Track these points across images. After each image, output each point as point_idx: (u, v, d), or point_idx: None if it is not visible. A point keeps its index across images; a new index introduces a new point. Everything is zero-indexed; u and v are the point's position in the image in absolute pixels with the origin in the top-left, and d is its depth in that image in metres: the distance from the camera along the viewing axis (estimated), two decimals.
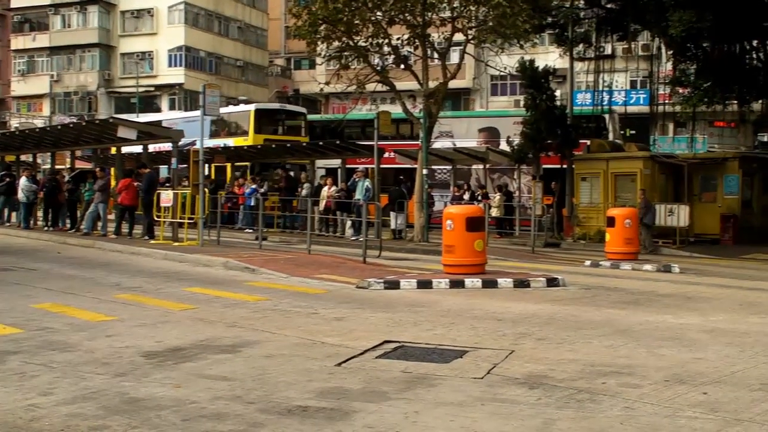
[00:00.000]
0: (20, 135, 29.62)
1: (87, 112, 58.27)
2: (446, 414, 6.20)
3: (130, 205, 21.77)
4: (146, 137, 22.62)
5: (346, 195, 24.03)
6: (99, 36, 58.74)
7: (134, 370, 7.70)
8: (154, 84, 57.78)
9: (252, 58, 65.35)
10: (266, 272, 15.14)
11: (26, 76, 61.84)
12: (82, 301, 11.96)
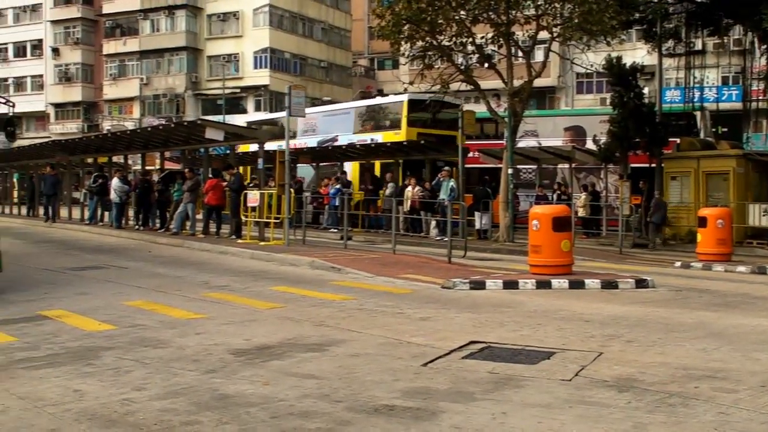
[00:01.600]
0: (112, 137, 30.47)
1: (175, 113, 59.57)
2: (533, 416, 6.13)
3: (217, 205, 22.15)
4: (233, 138, 22.98)
5: (430, 195, 24.00)
6: (186, 39, 59.97)
7: (224, 367, 7.83)
8: (239, 86, 58.70)
9: (336, 59, 65.85)
10: (352, 272, 15.23)
11: (117, 79, 63.52)
12: (172, 299, 12.23)
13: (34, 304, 11.79)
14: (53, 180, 30.53)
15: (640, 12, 28.18)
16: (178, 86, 60.63)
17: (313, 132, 32.86)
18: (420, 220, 24.55)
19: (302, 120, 32.45)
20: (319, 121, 32.79)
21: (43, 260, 17.94)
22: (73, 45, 66.46)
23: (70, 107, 67.27)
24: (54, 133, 62.68)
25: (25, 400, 6.72)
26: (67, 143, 32.93)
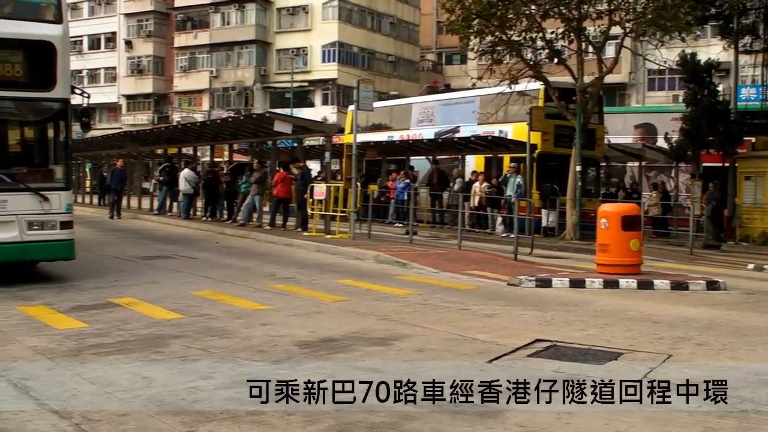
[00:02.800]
0: (182, 129, 30.93)
1: (243, 106, 60.21)
2: (600, 417, 6.05)
3: (284, 198, 22.33)
4: (301, 131, 23.13)
5: (497, 191, 23.84)
6: (256, 33, 60.53)
7: (289, 359, 7.89)
8: (308, 79, 59.08)
9: (404, 53, 65.82)
10: (417, 267, 15.21)
11: (187, 72, 64.42)
12: (238, 289, 12.36)
13: (105, 291, 12.05)
14: (122, 175, 30.23)
15: (716, 7, 27.57)
16: (247, 79, 61.25)
17: (430, 122, 31.13)
18: (486, 216, 24.40)
19: (418, 108, 31.90)
20: (438, 110, 31.06)
21: (114, 249, 18.30)
22: (145, 38, 67.62)
23: (141, 99, 68.48)
24: (125, 124, 63.90)
25: (96, 385, 6.86)
26: (138, 134, 33.56)
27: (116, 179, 29.48)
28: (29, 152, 13.91)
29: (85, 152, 40.09)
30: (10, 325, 9.53)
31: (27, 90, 12.72)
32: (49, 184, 12.74)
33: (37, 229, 12.45)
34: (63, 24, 12.86)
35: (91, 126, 13.79)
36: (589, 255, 17.18)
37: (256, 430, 5.75)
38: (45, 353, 8.06)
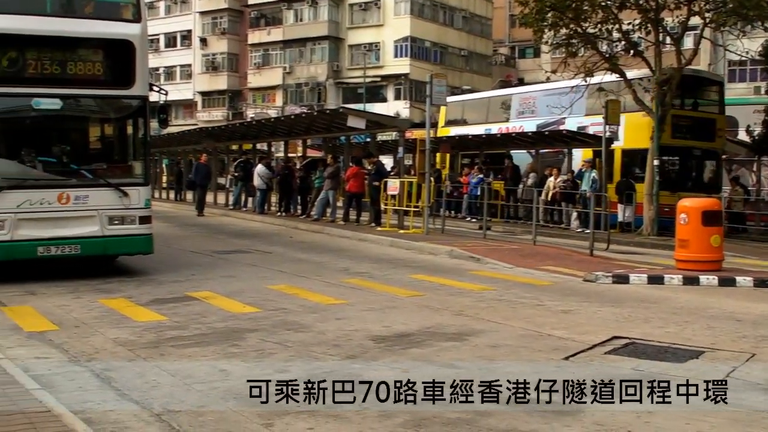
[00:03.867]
0: (256, 124, 31.23)
1: (316, 102, 60.56)
2: (681, 416, 5.92)
3: (357, 193, 22.40)
4: (374, 126, 23.17)
5: (572, 185, 23.53)
6: (328, 29, 60.83)
7: (363, 353, 7.91)
8: (380, 74, 59.13)
9: (476, 47, 65.43)
10: (491, 262, 15.11)
11: (261, 68, 65.06)
12: (313, 284, 12.45)
13: (183, 285, 12.25)
14: (206, 170, 29.64)
15: None
16: (319, 75, 61.62)
17: (532, 114, 29.83)
18: (561, 211, 24.11)
19: (518, 100, 31.35)
20: (540, 101, 29.58)
21: (190, 243, 18.60)
22: (219, 35, 68.52)
23: (216, 95, 69.44)
24: (201, 120, 64.85)
25: (176, 377, 6.98)
26: (213, 130, 34.08)
27: (201, 174, 29.05)
28: (109, 149, 14.23)
29: (162, 148, 40.84)
30: (92, 317, 9.76)
31: (107, 88, 13.01)
32: (129, 180, 13.01)
33: (117, 223, 12.72)
34: (141, 23, 13.10)
35: (168, 122, 14.03)
36: (666, 251, 16.85)
37: (332, 423, 5.78)
38: (126, 345, 8.24)
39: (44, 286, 11.89)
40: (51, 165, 12.75)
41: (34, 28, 12.41)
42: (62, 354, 7.90)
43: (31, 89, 12.33)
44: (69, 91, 12.66)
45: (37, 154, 12.66)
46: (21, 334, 8.86)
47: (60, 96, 12.53)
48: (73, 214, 12.41)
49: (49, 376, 6.96)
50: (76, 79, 12.60)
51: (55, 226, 12.32)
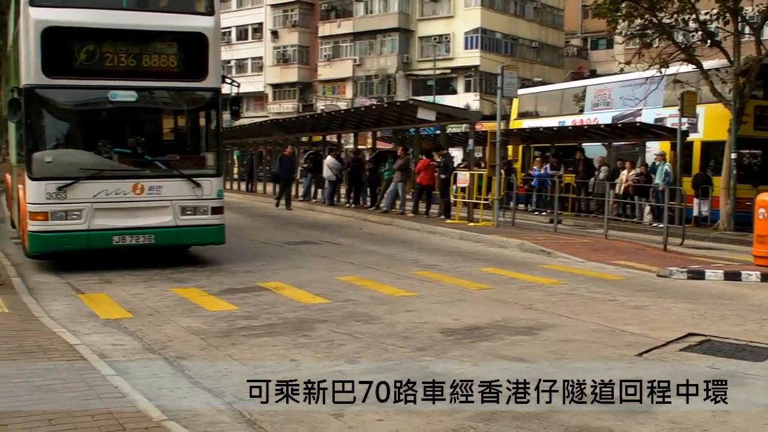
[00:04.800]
0: (327, 117, 31.38)
1: (386, 94, 60.59)
2: (759, 417, 5.77)
3: (427, 185, 22.35)
4: (444, 119, 23.09)
5: (645, 179, 23.09)
6: (399, 21, 60.76)
7: (433, 346, 7.88)
8: (450, 66, 58.88)
9: (547, 38, 64.71)
10: (562, 256, 14.92)
11: (331, 61, 65.36)
12: (382, 275, 12.45)
13: (253, 275, 12.38)
14: (291, 163, 28.09)
15: None
16: (389, 67, 61.62)
17: (607, 105, 29.28)
18: (634, 205, 23.68)
19: (593, 91, 30.87)
20: (615, 92, 28.92)
21: (261, 234, 18.79)
22: (290, 28, 68.99)
23: (286, 87, 69.98)
24: (271, 112, 65.41)
25: (246, 366, 7.05)
26: (284, 122, 34.30)
27: (285, 167, 27.49)
28: (182, 140, 14.43)
29: (233, 140, 41.31)
30: (165, 306, 9.93)
31: (181, 80, 13.21)
32: (201, 171, 13.19)
33: (190, 214, 12.91)
34: (214, 16, 13.25)
35: (240, 114, 14.18)
36: (744, 246, 16.44)
37: (402, 414, 5.77)
38: (198, 334, 8.35)
39: (119, 275, 12.14)
40: (126, 156, 12.98)
41: (111, 22, 12.66)
42: (137, 341, 8.05)
43: (108, 82, 12.58)
44: (144, 83, 12.88)
45: (113, 146, 12.91)
46: (97, 321, 9.07)
47: (135, 88, 12.76)
48: (147, 204, 12.65)
49: (124, 362, 7.10)
50: (151, 72, 12.81)
51: (130, 216, 12.57)
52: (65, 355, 6.91)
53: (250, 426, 5.61)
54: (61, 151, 12.83)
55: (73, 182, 12.18)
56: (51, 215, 12.16)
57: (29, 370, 6.37)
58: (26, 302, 9.69)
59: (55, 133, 13.21)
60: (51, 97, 12.48)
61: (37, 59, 12.05)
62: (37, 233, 12.27)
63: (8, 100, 13.19)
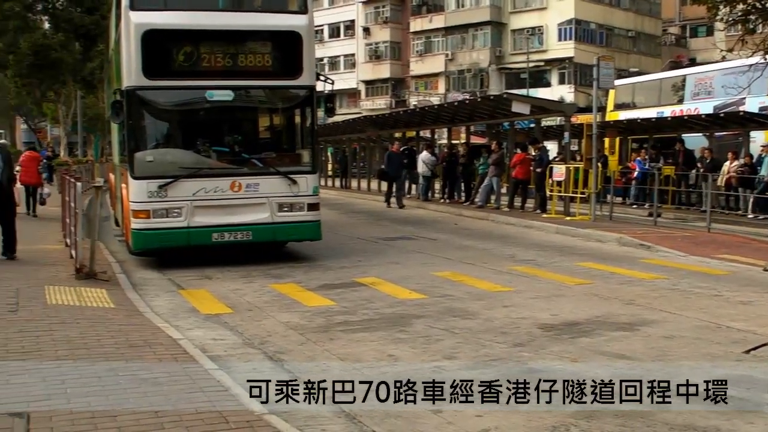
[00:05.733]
0: (420, 112, 31.37)
1: (479, 88, 60.21)
2: None
3: (523, 179, 22.11)
4: (539, 112, 22.80)
5: (750, 170, 22.33)
6: (491, 14, 60.28)
7: (531, 341, 7.79)
8: (543, 59, 58.16)
9: (644, 27, 63.26)
10: (662, 250, 14.53)
11: (423, 56, 65.28)
12: (479, 270, 12.37)
13: (350, 270, 12.46)
14: (399, 160, 26.55)
15: None
16: (482, 61, 61.23)
17: (708, 95, 28.53)
18: (737, 197, 22.93)
19: (693, 80, 30.05)
20: (716, 81, 28.03)
21: (356, 230, 18.90)
22: (382, 24, 69.21)
23: (379, 84, 70.25)
24: (364, 109, 65.79)
25: (345, 361, 7.10)
26: (377, 118, 34.50)
27: (393, 164, 26.13)
28: (278, 138, 14.64)
29: (327, 137, 41.70)
30: (264, 301, 10.08)
31: (276, 78, 13.39)
32: (297, 168, 13.33)
33: (287, 210, 13.07)
34: (308, 14, 13.38)
35: (334, 111, 14.29)
36: None
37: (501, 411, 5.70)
38: (296, 329, 8.45)
39: (218, 271, 12.39)
40: (224, 154, 13.24)
41: (208, 23, 12.93)
42: (237, 336, 8.19)
43: (205, 82, 12.85)
44: (240, 82, 13.11)
45: (211, 144, 13.19)
46: (198, 316, 9.27)
47: (232, 87, 13.00)
48: (244, 201, 12.86)
49: (224, 357, 7.23)
50: (246, 71, 13.03)
51: (228, 213, 12.80)
52: (169, 350, 7.07)
53: (350, 420, 5.64)
54: (162, 151, 13.16)
55: (174, 181, 12.47)
56: (153, 213, 12.49)
57: (136, 364, 6.54)
58: (131, 298, 9.97)
59: (156, 133, 13.56)
60: (151, 98, 12.81)
61: (137, 61, 12.38)
62: (139, 231, 12.63)
63: (110, 102, 13.60)
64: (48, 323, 8.04)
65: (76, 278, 10.88)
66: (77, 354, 6.84)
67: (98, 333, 7.70)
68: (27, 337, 7.37)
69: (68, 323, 8.11)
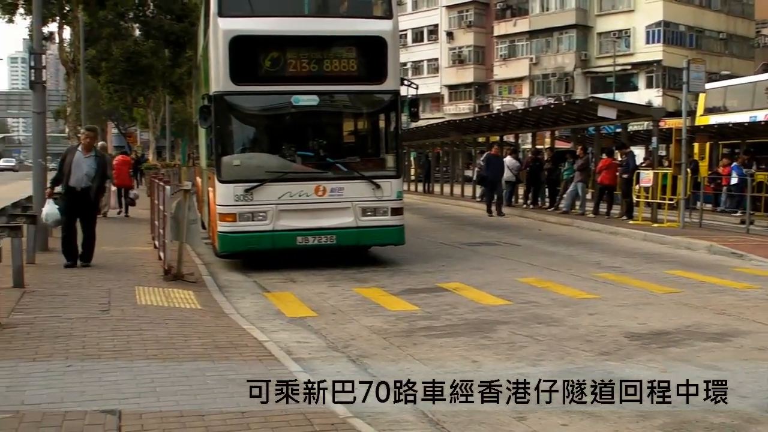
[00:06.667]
0: (504, 117, 31.16)
1: (564, 92, 59.54)
2: None
3: (609, 185, 21.76)
4: (626, 116, 22.41)
5: None
6: (576, 17, 59.57)
7: (618, 350, 7.65)
8: (630, 62, 57.19)
9: (736, 29, 61.66)
10: (756, 258, 14.07)
11: (507, 60, 64.91)
12: (563, 277, 12.20)
13: (433, 276, 12.43)
14: (500, 164, 24.87)
15: None
16: (567, 65, 60.55)
17: None
18: None
19: None
20: None
21: (439, 235, 18.86)
22: (465, 28, 69.04)
23: (462, 88, 70.07)
24: (447, 113, 65.67)
25: (428, 366, 7.08)
26: (461, 123, 34.31)
27: (494, 168, 24.40)
28: (362, 142, 14.70)
29: (410, 141, 41.73)
30: (348, 305, 10.13)
31: (361, 83, 13.44)
32: (381, 172, 13.36)
33: (370, 215, 13.11)
34: (393, 19, 13.41)
35: (419, 116, 14.29)
36: None
37: (586, 421, 5.63)
38: (380, 333, 8.46)
39: (302, 274, 12.51)
40: (308, 159, 13.37)
41: (294, 29, 13.10)
42: (321, 339, 8.25)
43: (291, 87, 13.00)
44: (326, 87, 13.22)
45: (296, 149, 13.33)
46: (283, 319, 9.37)
47: (317, 92, 13.11)
48: (329, 205, 12.95)
49: (309, 360, 7.29)
50: (332, 76, 13.13)
51: (313, 217, 12.91)
52: (255, 351, 7.16)
53: (433, 426, 5.62)
54: (248, 155, 13.36)
55: (260, 184, 12.65)
56: (239, 216, 12.68)
57: (223, 365, 6.64)
58: (217, 300, 10.14)
59: (242, 137, 13.77)
60: (238, 103, 13.01)
61: (225, 67, 12.59)
62: (226, 234, 12.83)
63: (199, 107, 13.87)
64: (138, 323, 8.23)
65: (165, 279, 11.13)
66: (166, 354, 6.98)
67: (186, 333, 7.85)
68: (118, 336, 7.55)
69: (157, 323, 8.29)
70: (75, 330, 7.77)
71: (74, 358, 6.71)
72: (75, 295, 9.73)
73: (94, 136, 12.58)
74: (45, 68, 14.33)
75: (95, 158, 12.05)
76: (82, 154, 11.96)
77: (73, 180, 11.82)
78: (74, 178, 11.82)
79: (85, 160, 11.89)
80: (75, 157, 11.93)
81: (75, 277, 11.07)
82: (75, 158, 11.90)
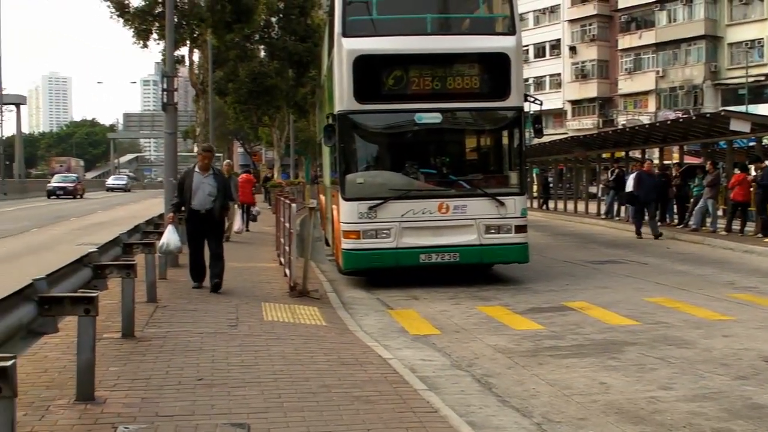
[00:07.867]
0: (629, 131, 30.45)
1: (692, 105, 57.78)
2: None
3: (742, 201, 20.92)
4: (760, 129, 21.55)
5: None
6: (705, 28, 57.77)
7: (756, 375, 7.33)
8: (763, 73, 55.03)
9: None
10: None
11: (632, 73, 63.48)
12: (694, 297, 11.78)
13: (557, 294, 12.21)
14: (653, 182, 22.67)
15: None
16: (695, 77, 58.74)
17: None
18: None
19: None
20: None
21: (562, 252, 18.55)
22: (588, 42, 67.93)
23: (585, 103, 68.89)
24: (570, 129, 64.72)
25: (554, 387, 6.95)
26: (585, 138, 33.81)
27: (646, 186, 22.19)
28: (485, 159, 14.62)
29: (532, 158, 41.29)
30: (472, 323, 10.06)
31: (484, 100, 13.38)
32: (505, 190, 13.24)
33: (494, 232, 13.00)
34: (516, 35, 13.31)
35: (542, 132, 14.11)
36: None
37: None
38: (504, 352, 8.36)
39: (425, 292, 12.49)
40: (431, 176, 13.38)
41: (417, 48, 13.16)
42: (445, 358, 8.21)
43: (414, 105, 13.05)
44: (448, 105, 13.21)
45: (419, 166, 13.36)
46: (407, 336, 9.38)
47: (441, 110, 13.11)
48: (452, 223, 12.91)
49: (433, 378, 7.26)
50: (454, 94, 13.13)
51: (435, 235, 12.89)
52: (379, 369, 7.19)
53: None
54: (372, 173, 13.48)
55: (383, 202, 12.73)
56: (363, 234, 12.79)
57: (348, 381, 6.69)
58: (341, 316, 10.24)
59: (366, 155, 13.91)
60: (362, 122, 13.16)
61: (349, 86, 12.77)
62: (350, 251, 12.96)
63: (323, 125, 14.09)
64: (265, 339, 8.39)
65: (290, 296, 11.32)
66: (292, 369, 7.08)
67: (311, 350, 7.95)
68: (246, 351, 7.71)
69: (283, 339, 8.43)
70: (205, 344, 7.98)
71: (204, 372, 6.89)
72: (204, 311, 10.00)
73: (210, 156, 12.02)
74: (177, 90, 14.81)
75: (214, 176, 11.52)
76: (201, 175, 11.41)
77: (196, 202, 11.28)
78: (197, 200, 11.28)
79: (206, 180, 11.36)
80: (194, 179, 11.40)
81: (204, 292, 11.36)
82: (195, 180, 11.37)
